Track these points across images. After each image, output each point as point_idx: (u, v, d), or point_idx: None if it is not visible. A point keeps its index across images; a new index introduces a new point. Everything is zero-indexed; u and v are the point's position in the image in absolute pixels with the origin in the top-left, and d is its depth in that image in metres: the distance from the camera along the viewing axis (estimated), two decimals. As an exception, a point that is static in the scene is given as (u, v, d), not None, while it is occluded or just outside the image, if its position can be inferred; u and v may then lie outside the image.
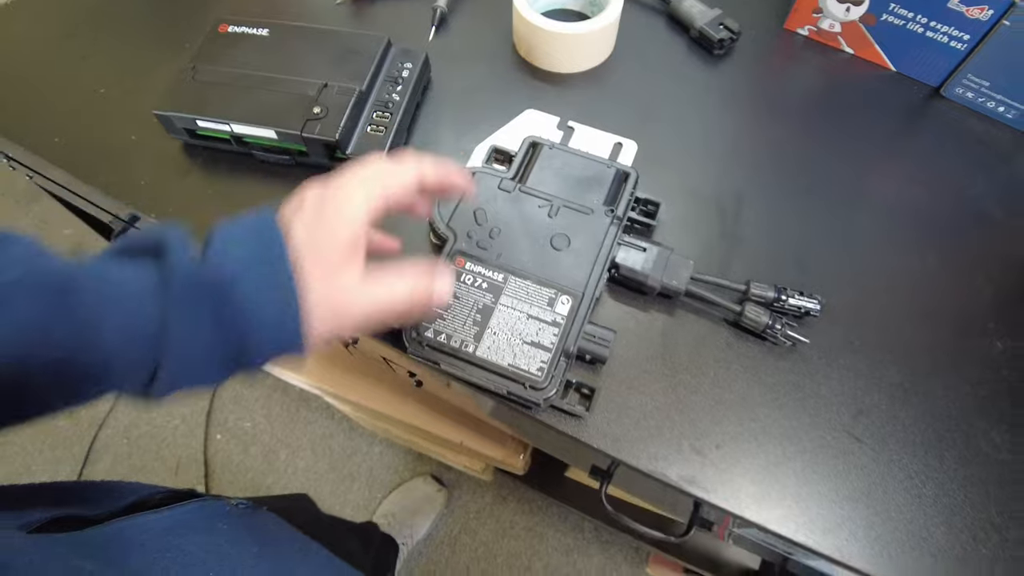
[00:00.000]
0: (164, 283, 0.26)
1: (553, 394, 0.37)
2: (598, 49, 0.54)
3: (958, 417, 0.41)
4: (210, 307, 0.26)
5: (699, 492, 0.38)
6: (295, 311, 0.27)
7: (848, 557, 0.37)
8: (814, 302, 0.41)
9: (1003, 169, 0.51)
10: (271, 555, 0.37)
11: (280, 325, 0.27)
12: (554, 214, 0.42)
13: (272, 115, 0.45)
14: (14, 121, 0.53)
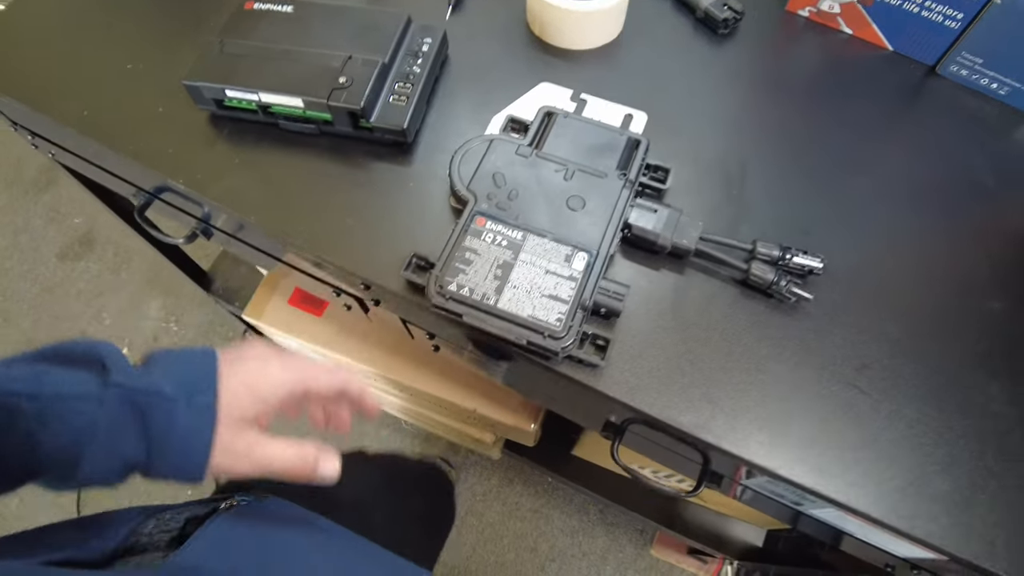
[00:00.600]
0: (104, 391, 0.29)
1: (570, 344, 0.39)
2: (608, 27, 0.56)
3: (956, 371, 0.43)
4: (141, 419, 0.29)
5: (710, 438, 0.40)
6: (207, 443, 0.31)
7: (852, 500, 0.38)
8: (817, 260, 0.43)
9: (996, 143, 0.53)
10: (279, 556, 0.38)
11: (193, 451, 0.31)
12: (569, 177, 0.44)
13: (299, 84, 0.47)
14: (42, 95, 0.54)
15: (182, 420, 0.30)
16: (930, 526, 0.38)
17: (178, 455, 0.30)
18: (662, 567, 1.15)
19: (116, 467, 0.29)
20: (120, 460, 0.29)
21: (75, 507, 1.20)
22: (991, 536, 0.38)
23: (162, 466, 0.30)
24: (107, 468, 0.29)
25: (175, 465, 0.30)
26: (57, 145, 0.62)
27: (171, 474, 0.31)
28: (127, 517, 0.35)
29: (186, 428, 0.30)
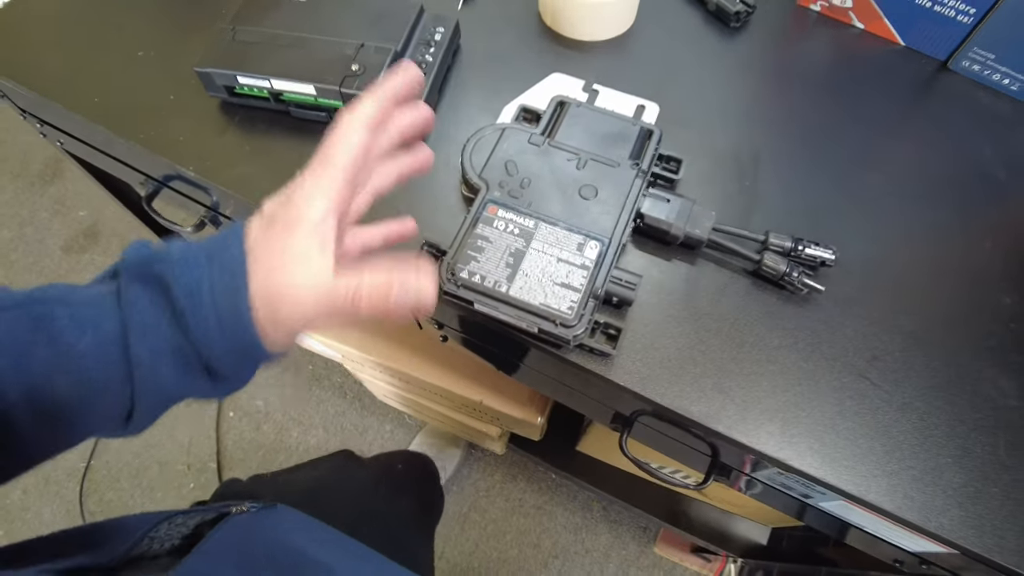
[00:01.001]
0: (119, 273, 0.28)
1: (582, 332, 0.39)
2: (620, 18, 0.56)
3: (968, 365, 0.42)
4: (161, 291, 0.27)
5: (721, 428, 0.40)
6: (239, 291, 0.27)
7: (863, 492, 0.38)
8: (829, 252, 0.43)
9: (1008, 138, 0.53)
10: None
11: (224, 304, 0.27)
12: (582, 167, 0.44)
13: (311, 71, 0.47)
14: (53, 82, 0.54)
15: (207, 281, 0.27)
16: (941, 519, 0.38)
17: (215, 319, 0.27)
18: (665, 565, 1.15)
19: (166, 361, 0.27)
20: (165, 346, 0.26)
21: (77, 499, 1.21)
22: (1003, 530, 0.37)
23: (206, 338, 0.27)
24: (158, 369, 0.27)
25: (219, 331, 0.27)
26: (66, 133, 0.62)
27: (223, 347, 0.27)
28: (138, 523, 0.34)
29: (214, 289, 0.27)
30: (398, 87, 0.30)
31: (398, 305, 0.28)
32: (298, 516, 0.41)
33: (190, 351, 0.27)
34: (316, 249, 0.28)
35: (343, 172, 0.28)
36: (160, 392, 0.28)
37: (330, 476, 0.64)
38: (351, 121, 0.29)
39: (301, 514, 0.42)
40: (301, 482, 0.61)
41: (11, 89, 0.57)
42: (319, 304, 0.28)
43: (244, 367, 0.30)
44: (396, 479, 0.80)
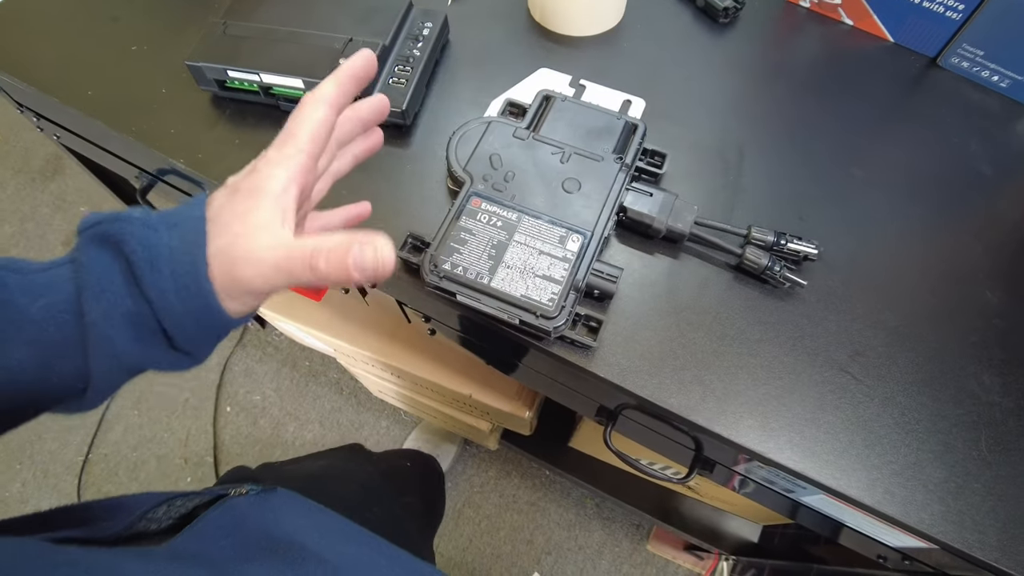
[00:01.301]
0: (76, 237, 0.27)
1: (563, 324, 0.39)
2: (609, 13, 0.56)
3: (950, 360, 0.42)
4: (117, 249, 0.27)
5: (700, 421, 0.40)
6: (197, 253, 0.27)
7: (844, 486, 0.38)
8: (812, 246, 0.43)
9: (996, 135, 0.53)
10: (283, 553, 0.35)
11: (182, 266, 0.26)
12: (566, 160, 0.45)
13: (300, 66, 0.47)
14: (48, 76, 0.55)
15: (164, 239, 0.26)
16: (922, 514, 0.38)
17: (172, 281, 0.26)
18: (658, 562, 1.15)
19: (121, 325, 0.26)
20: (120, 308, 0.26)
21: (75, 492, 1.22)
22: (983, 525, 0.37)
23: (162, 300, 0.26)
24: (113, 333, 0.26)
25: (175, 293, 0.26)
26: (62, 127, 0.62)
27: (180, 310, 0.27)
28: (138, 502, 0.34)
29: (171, 247, 0.26)
30: (356, 68, 0.31)
31: (357, 265, 0.27)
32: (298, 499, 0.41)
33: (146, 314, 0.27)
34: (278, 218, 0.28)
35: (306, 145, 0.29)
36: (115, 358, 0.27)
37: (338, 465, 0.65)
38: (313, 99, 0.30)
39: (301, 498, 0.42)
40: (308, 469, 0.61)
41: (7, 83, 0.58)
42: (278, 266, 0.27)
43: (202, 334, 0.29)
44: (403, 475, 0.81)
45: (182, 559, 0.30)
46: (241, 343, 1.37)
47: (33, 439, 1.28)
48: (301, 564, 0.33)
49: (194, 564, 0.29)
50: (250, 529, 0.34)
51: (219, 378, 1.32)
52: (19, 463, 1.26)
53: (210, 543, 0.32)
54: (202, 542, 0.31)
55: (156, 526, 0.34)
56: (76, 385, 0.27)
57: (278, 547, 0.33)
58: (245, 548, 0.33)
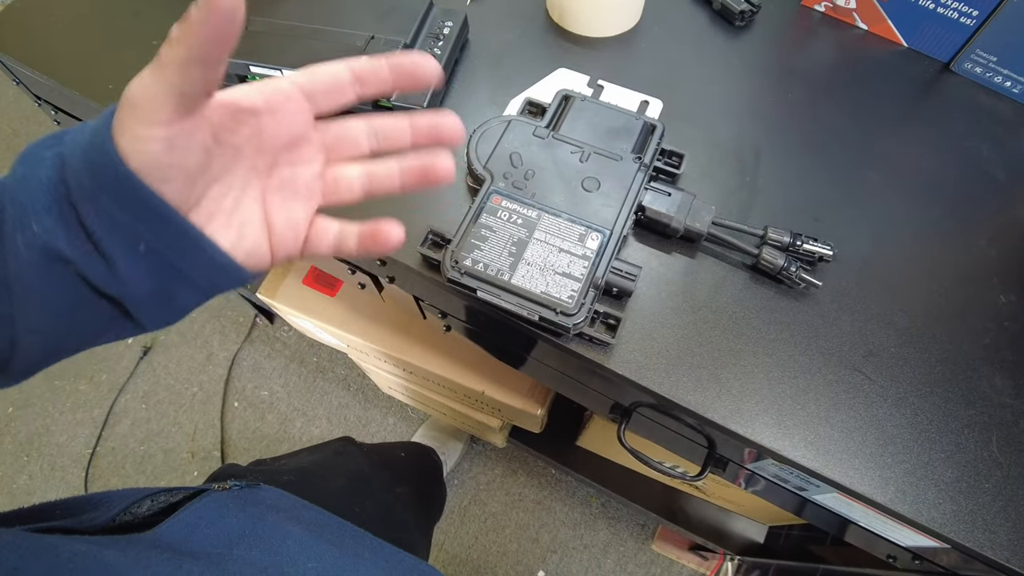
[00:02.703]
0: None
1: (582, 321, 0.40)
2: (626, 15, 0.56)
3: (963, 362, 0.43)
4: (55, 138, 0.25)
5: (716, 418, 0.40)
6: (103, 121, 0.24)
7: (856, 484, 0.39)
8: (827, 248, 0.44)
9: (1009, 139, 0.53)
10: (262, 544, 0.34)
11: (92, 133, 0.24)
12: (585, 159, 0.45)
13: (321, 62, 0.47)
14: (69, 70, 0.56)
15: (89, 125, 0.24)
16: (933, 513, 0.38)
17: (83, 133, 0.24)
18: (663, 562, 1.15)
19: (36, 195, 0.23)
20: (37, 178, 0.23)
21: (82, 484, 1.22)
22: (994, 525, 0.38)
23: (71, 149, 0.24)
24: (27, 200, 0.23)
25: (80, 141, 0.24)
26: (80, 120, 0.63)
27: (78, 152, 0.24)
28: (124, 496, 0.34)
29: (93, 127, 0.24)
30: (404, 64, 0.27)
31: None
32: (280, 495, 0.41)
33: (57, 177, 0.24)
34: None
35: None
36: (28, 230, 0.23)
37: (328, 459, 0.65)
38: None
39: (285, 494, 0.42)
40: (299, 463, 0.62)
41: (26, 76, 0.58)
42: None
43: (97, 187, 0.23)
44: (396, 466, 0.81)
45: (162, 548, 0.30)
46: (249, 339, 1.38)
47: (41, 431, 1.28)
48: (280, 558, 0.33)
49: (174, 553, 0.30)
50: (230, 522, 0.34)
51: (227, 373, 1.33)
52: (26, 455, 1.26)
53: (190, 533, 0.32)
54: (182, 532, 0.31)
55: (139, 519, 0.34)
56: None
57: (256, 541, 0.34)
58: (224, 540, 0.33)
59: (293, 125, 0.28)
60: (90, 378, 1.33)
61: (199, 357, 1.36)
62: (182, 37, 0.22)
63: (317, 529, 0.39)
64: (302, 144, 0.29)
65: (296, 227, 0.29)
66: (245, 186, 0.28)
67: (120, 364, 1.35)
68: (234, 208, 0.27)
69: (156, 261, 0.25)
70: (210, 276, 0.26)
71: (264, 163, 0.28)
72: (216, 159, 0.26)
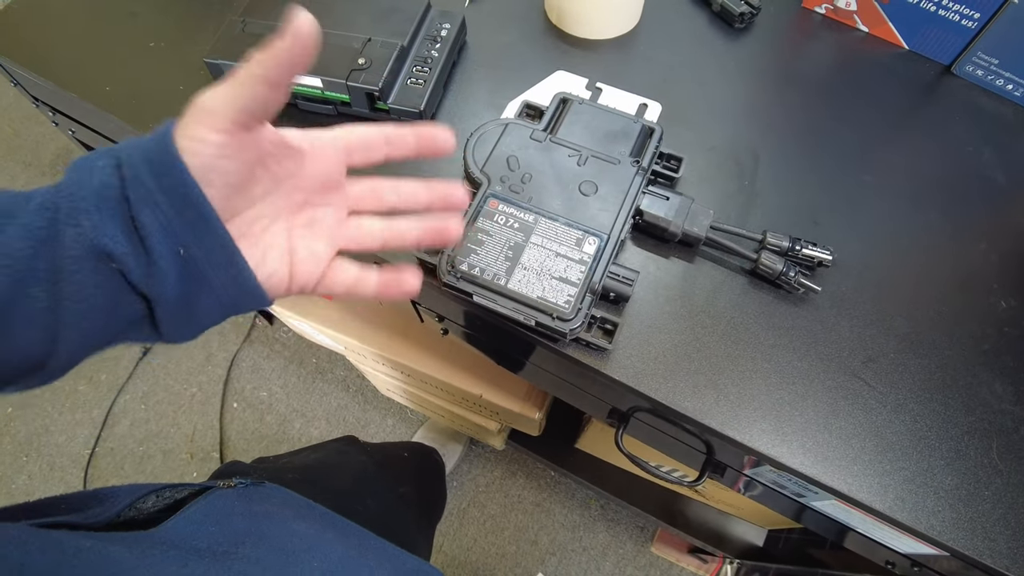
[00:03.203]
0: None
1: (578, 326, 0.40)
2: (625, 16, 0.56)
3: (963, 368, 0.43)
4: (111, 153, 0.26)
5: (714, 424, 0.40)
6: (165, 131, 0.26)
7: (855, 491, 0.39)
8: (827, 253, 0.44)
9: (1010, 143, 0.53)
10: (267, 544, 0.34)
11: (154, 138, 0.26)
12: (582, 163, 0.45)
13: (318, 64, 0.47)
14: (66, 71, 0.55)
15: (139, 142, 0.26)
16: (932, 520, 0.38)
17: (141, 147, 0.25)
18: (662, 564, 1.15)
19: (90, 201, 0.25)
20: (92, 186, 0.25)
21: (81, 485, 1.22)
22: (994, 533, 0.38)
23: (129, 157, 0.25)
24: (82, 206, 0.25)
25: (139, 149, 0.25)
26: (77, 121, 0.63)
27: (138, 158, 0.25)
28: (129, 491, 0.34)
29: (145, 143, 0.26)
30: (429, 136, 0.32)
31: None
32: (285, 494, 0.41)
33: (115, 183, 0.25)
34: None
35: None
36: (80, 235, 0.25)
37: (331, 457, 0.65)
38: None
39: (289, 492, 0.42)
40: (302, 461, 0.61)
41: (24, 77, 0.58)
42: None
43: (161, 190, 0.25)
44: (399, 466, 0.81)
45: (167, 545, 0.30)
46: (249, 339, 1.38)
47: (40, 432, 1.28)
48: (284, 557, 0.34)
49: (179, 550, 0.30)
50: (235, 520, 0.34)
51: (226, 374, 1.33)
52: (26, 455, 1.26)
53: (196, 531, 0.32)
54: (188, 529, 0.32)
55: (144, 515, 0.34)
56: (43, 304, 0.25)
57: (262, 539, 0.34)
58: (230, 538, 0.33)
59: (329, 170, 0.32)
60: (89, 378, 1.33)
61: (198, 358, 1.36)
62: (262, 59, 0.25)
63: (321, 528, 0.39)
64: (333, 189, 0.33)
65: (316, 261, 0.32)
66: (276, 216, 0.31)
67: (120, 364, 1.35)
68: (262, 233, 0.30)
69: (190, 268, 0.27)
70: (232, 292, 0.28)
71: (298, 200, 0.31)
72: (258, 183, 0.29)
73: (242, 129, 0.26)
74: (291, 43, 0.25)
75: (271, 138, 0.29)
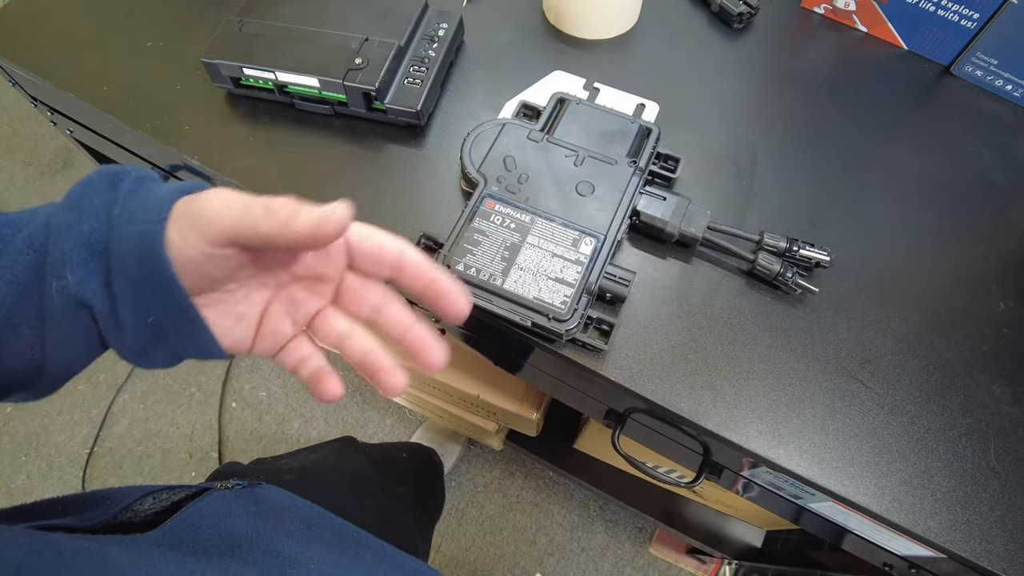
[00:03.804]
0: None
1: (575, 327, 0.39)
2: (623, 16, 0.56)
3: (960, 370, 0.43)
4: (112, 176, 0.27)
5: (710, 425, 0.40)
6: (152, 202, 0.26)
7: (852, 493, 0.38)
8: (824, 253, 0.43)
9: (1009, 144, 0.53)
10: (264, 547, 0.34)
11: (147, 220, 0.25)
12: (579, 163, 0.45)
13: (315, 64, 0.47)
14: (64, 71, 0.55)
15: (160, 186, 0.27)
16: (929, 522, 0.38)
17: (134, 200, 0.26)
18: (660, 565, 1.15)
19: (76, 245, 0.25)
20: (80, 229, 0.25)
21: (80, 485, 1.22)
22: (991, 535, 0.38)
23: (119, 220, 0.25)
24: (66, 248, 0.25)
25: (127, 214, 0.25)
26: (76, 122, 0.63)
27: (125, 232, 0.25)
28: (126, 493, 0.34)
29: (160, 188, 0.26)
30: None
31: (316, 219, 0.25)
32: (283, 495, 0.41)
33: (102, 232, 0.26)
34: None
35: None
36: (63, 280, 0.25)
37: (329, 458, 0.65)
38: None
39: (287, 493, 0.42)
40: (300, 462, 0.61)
41: (22, 77, 0.58)
42: (236, 198, 0.26)
43: (139, 271, 0.26)
44: (397, 467, 0.80)
45: (165, 547, 0.30)
46: (247, 339, 1.38)
47: (39, 431, 1.28)
48: (282, 559, 0.34)
49: (177, 552, 0.30)
50: (233, 522, 0.34)
51: (225, 373, 1.33)
52: (24, 455, 1.26)
53: (193, 533, 0.32)
54: (186, 532, 0.32)
55: (141, 517, 0.34)
56: (30, 341, 0.26)
57: (259, 541, 0.34)
58: (227, 540, 0.33)
59: (326, 267, 0.30)
60: (88, 378, 1.33)
61: (197, 357, 1.35)
62: (289, 214, 0.24)
63: (319, 529, 0.39)
64: (323, 282, 0.31)
65: (277, 338, 0.30)
66: (259, 289, 0.30)
67: (118, 364, 1.35)
68: (239, 302, 0.29)
69: (155, 331, 0.27)
70: (192, 354, 0.29)
71: (284, 281, 0.30)
72: (245, 270, 0.28)
73: (236, 248, 0.26)
74: (318, 224, 0.24)
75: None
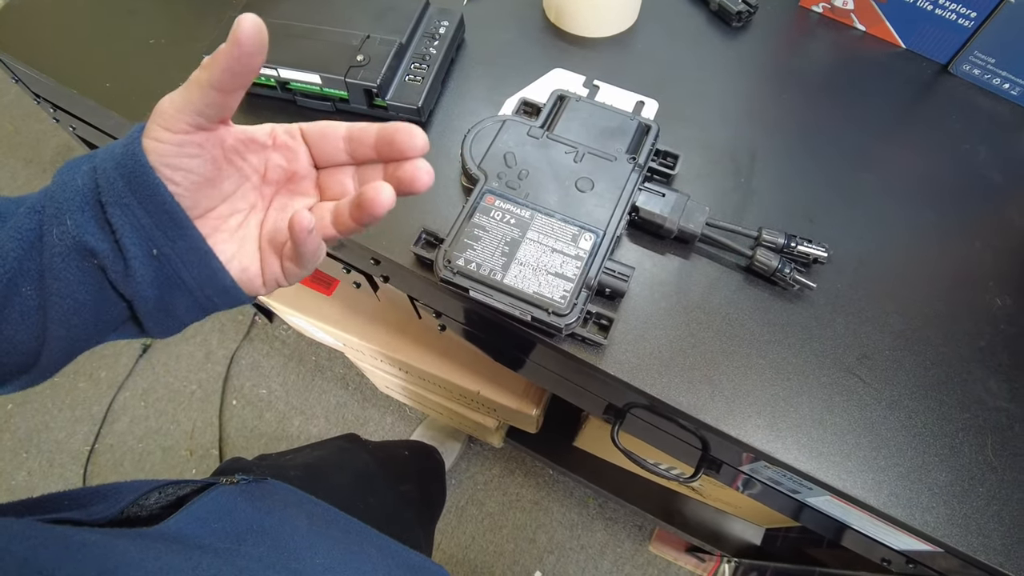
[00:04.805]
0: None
1: (574, 321, 0.40)
2: (623, 14, 0.56)
3: (957, 365, 0.43)
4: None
5: (708, 420, 0.40)
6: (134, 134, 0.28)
7: (850, 487, 0.39)
8: (822, 249, 0.44)
9: (1007, 142, 0.53)
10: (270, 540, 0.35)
11: (124, 143, 0.27)
12: (579, 159, 0.45)
13: (317, 61, 0.48)
14: (67, 68, 0.56)
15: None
16: (926, 516, 0.38)
17: (116, 155, 0.27)
18: (660, 563, 1.15)
19: (73, 201, 0.26)
20: (74, 187, 0.27)
21: (80, 481, 1.23)
22: (988, 529, 0.38)
23: (105, 154, 0.27)
24: (65, 206, 0.26)
25: (113, 149, 0.27)
26: (78, 118, 0.63)
27: (109, 154, 0.27)
28: (132, 488, 0.34)
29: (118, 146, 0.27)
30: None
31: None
32: (288, 490, 0.42)
33: (91, 183, 0.27)
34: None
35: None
36: (62, 227, 0.26)
37: (333, 455, 0.65)
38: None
39: (292, 488, 0.42)
40: (304, 459, 0.62)
41: (25, 74, 0.59)
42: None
43: (126, 185, 0.27)
44: (400, 464, 0.81)
45: (172, 540, 0.30)
46: (248, 337, 1.38)
47: (40, 428, 1.29)
48: (288, 553, 0.34)
49: (184, 546, 0.30)
50: (239, 516, 0.35)
51: (226, 371, 1.33)
52: (25, 452, 1.27)
53: (200, 527, 0.32)
54: (192, 526, 0.32)
55: (147, 512, 0.34)
56: (33, 303, 0.27)
57: (265, 535, 0.34)
58: (233, 534, 0.33)
59: (294, 163, 0.32)
60: (89, 375, 1.34)
61: (198, 355, 1.36)
62: (209, 65, 0.26)
63: (324, 524, 0.39)
64: (300, 180, 0.33)
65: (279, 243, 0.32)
66: (251, 210, 0.32)
67: (119, 362, 1.35)
68: (238, 228, 0.31)
69: (164, 269, 0.28)
70: (208, 291, 0.30)
71: (268, 192, 0.33)
72: (226, 179, 0.30)
73: (199, 129, 0.27)
74: (235, 50, 0.25)
75: (236, 135, 0.30)
